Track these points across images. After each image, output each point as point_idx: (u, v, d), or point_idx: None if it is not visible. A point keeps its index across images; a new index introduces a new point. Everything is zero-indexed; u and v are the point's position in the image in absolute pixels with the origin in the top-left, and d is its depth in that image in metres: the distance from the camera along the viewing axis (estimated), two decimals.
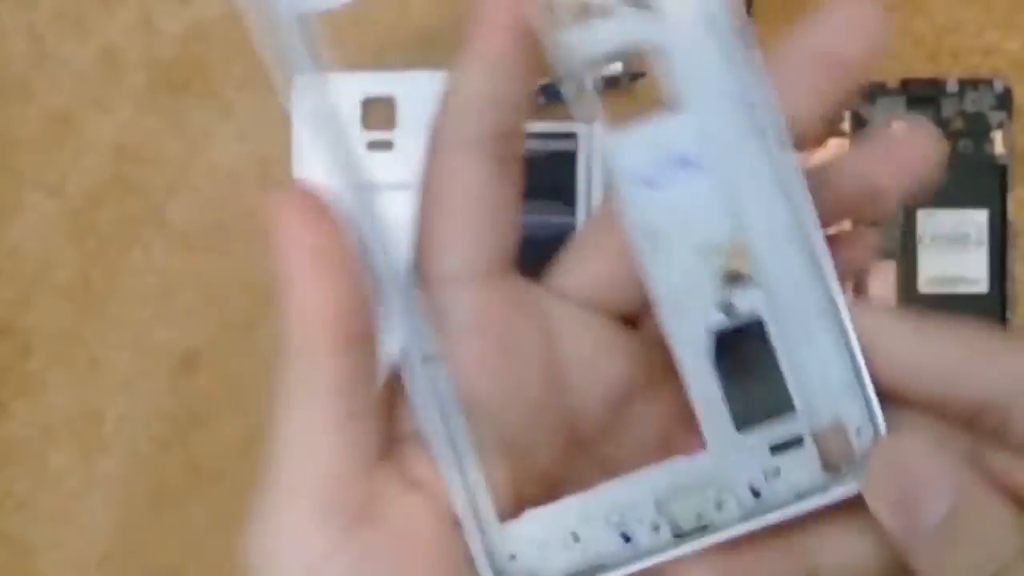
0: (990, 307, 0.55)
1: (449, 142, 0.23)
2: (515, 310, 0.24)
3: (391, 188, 0.23)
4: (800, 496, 0.23)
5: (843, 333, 0.23)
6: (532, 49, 0.23)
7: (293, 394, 0.22)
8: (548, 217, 0.53)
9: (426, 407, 0.23)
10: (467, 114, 0.23)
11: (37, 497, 0.60)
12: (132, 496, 0.60)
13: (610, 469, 0.25)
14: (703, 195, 0.23)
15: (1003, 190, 0.55)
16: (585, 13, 0.22)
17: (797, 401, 0.23)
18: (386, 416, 0.24)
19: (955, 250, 0.55)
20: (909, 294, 0.55)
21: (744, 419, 0.23)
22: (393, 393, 0.24)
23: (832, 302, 0.23)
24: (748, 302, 0.23)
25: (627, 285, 0.24)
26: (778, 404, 0.23)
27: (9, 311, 0.59)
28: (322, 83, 0.23)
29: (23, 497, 0.60)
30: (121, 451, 0.59)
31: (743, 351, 0.23)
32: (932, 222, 0.55)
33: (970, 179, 0.55)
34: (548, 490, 0.25)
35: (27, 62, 0.59)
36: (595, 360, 0.25)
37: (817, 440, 0.23)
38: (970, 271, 0.55)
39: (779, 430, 0.23)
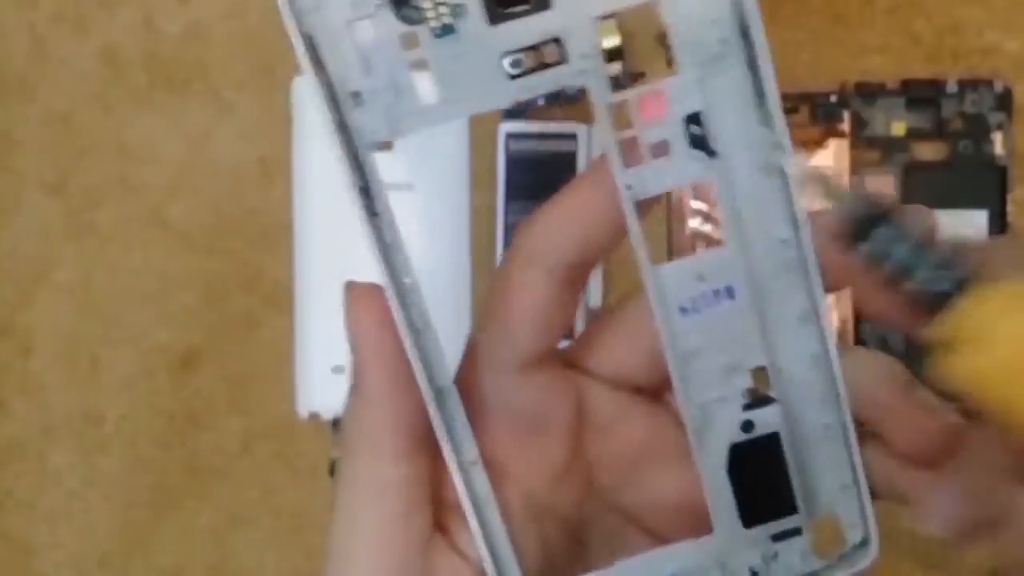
0: None
1: (530, 258, 0.25)
2: (549, 390, 0.26)
3: (391, 188, 0.23)
4: None
5: (848, 446, 0.25)
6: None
7: (360, 491, 0.26)
8: None
9: (464, 501, 0.25)
10: (554, 243, 0.25)
11: (37, 497, 0.60)
12: (132, 496, 0.60)
13: (628, 516, 0.27)
14: (735, 322, 0.25)
15: (1003, 190, 0.55)
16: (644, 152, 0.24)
17: (799, 499, 0.25)
18: (437, 488, 0.26)
19: None
20: None
21: (750, 518, 0.26)
22: (441, 461, 0.26)
23: (842, 422, 0.25)
24: (767, 420, 0.25)
25: (645, 368, 0.27)
26: (783, 505, 0.26)
27: (9, 311, 0.59)
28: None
29: (23, 497, 0.60)
30: (121, 451, 0.59)
31: (757, 457, 0.25)
32: None
33: (970, 179, 0.55)
34: (572, 538, 0.27)
35: (27, 62, 0.59)
36: (615, 424, 0.27)
37: (813, 530, 0.26)
38: None
39: (780, 524, 0.26)
